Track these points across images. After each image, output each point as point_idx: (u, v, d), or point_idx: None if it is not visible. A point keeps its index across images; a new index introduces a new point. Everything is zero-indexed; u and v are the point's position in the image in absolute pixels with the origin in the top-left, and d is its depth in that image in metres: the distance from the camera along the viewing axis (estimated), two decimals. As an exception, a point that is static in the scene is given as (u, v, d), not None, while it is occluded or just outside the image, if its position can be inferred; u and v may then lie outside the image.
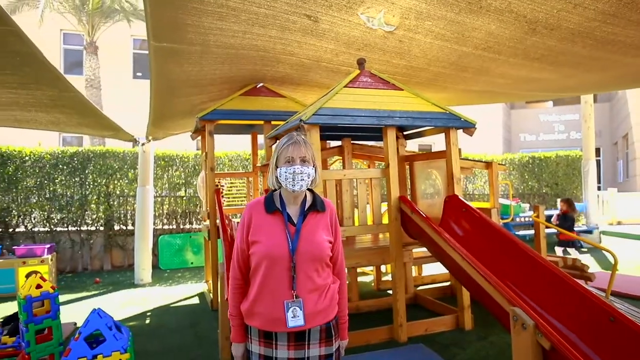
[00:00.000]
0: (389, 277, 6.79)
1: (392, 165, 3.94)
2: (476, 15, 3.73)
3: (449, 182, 4.22)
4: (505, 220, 7.14)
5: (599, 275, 5.46)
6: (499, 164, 5.75)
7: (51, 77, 4.64)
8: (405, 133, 5.21)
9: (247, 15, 4.06)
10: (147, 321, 4.97)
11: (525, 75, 5.42)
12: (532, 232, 8.69)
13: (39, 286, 3.07)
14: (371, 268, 6.45)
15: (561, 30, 3.98)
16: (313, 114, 3.64)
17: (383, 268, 7.14)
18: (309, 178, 1.80)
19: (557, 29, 3.98)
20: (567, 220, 6.64)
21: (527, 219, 9.61)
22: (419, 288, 5.91)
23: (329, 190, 3.93)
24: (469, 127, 4.15)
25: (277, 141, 1.83)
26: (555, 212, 7.14)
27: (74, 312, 5.36)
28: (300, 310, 1.70)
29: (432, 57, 4.71)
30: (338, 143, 5.35)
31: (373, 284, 6.23)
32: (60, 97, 5.21)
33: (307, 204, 1.86)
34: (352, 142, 5.11)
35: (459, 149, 4.24)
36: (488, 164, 5.66)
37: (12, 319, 3.95)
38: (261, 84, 6.01)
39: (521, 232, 9.27)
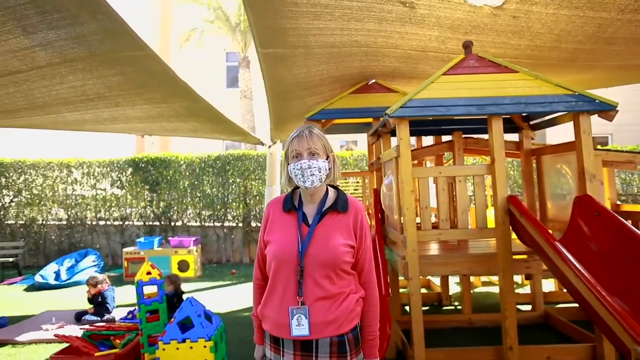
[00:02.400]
0: (524, 289, 5.93)
1: (498, 161, 3.39)
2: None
3: (579, 178, 3.45)
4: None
5: None
6: (671, 156, 4.50)
7: (183, 91, 5.29)
8: (531, 122, 4.47)
9: (340, 11, 3.98)
10: (260, 313, 5.27)
11: None
12: None
13: (149, 273, 3.50)
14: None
15: None
16: (400, 107, 3.37)
17: (517, 278, 6.27)
18: (320, 172, 1.62)
19: None
20: None
21: None
22: (558, 306, 5.00)
23: (422, 190, 3.58)
24: (606, 110, 3.33)
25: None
26: None
27: (208, 298, 6.01)
28: (306, 318, 1.54)
29: (560, 32, 3.93)
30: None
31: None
32: (194, 108, 5.92)
33: (328, 203, 1.68)
34: (464, 136, 4.59)
35: (593, 139, 3.43)
36: (655, 157, 4.49)
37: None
38: (373, 81, 5.86)
39: None
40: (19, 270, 8.42)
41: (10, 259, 8.22)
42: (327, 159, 1.65)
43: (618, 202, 4.95)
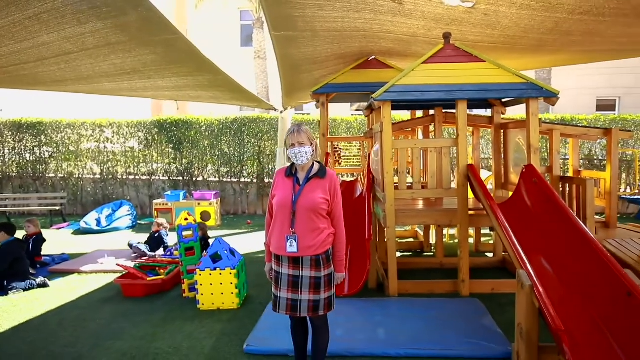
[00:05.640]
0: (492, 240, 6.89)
1: (461, 136, 4.25)
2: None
3: (527, 151, 4.32)
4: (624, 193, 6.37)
5: None
6: (622, 130, 5.27)
7: (207, 66, 6.13)
8: (503, 100, 5.26)
9: (341, 4, 4.73)
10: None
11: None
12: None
13: (186, 219, 4.54)
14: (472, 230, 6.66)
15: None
16: (384, 92, 4.20)
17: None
18: (306, 155, 2.56)
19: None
20: None
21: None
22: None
23: (400, 158, 4.47)
24: (549, 96, 4.13)
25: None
26: None
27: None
28: (295, 242, 2.53)
29: (525, 27, 4.63)
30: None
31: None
32: (215, 80, 6.76)
33: (313, 172, 2.62)
34: (445, 110, 5.40)
35: (539, 120, 4.25)
36: (607, 131, 5.27)
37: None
38: (373, 57, 6.60)
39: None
40: (64, 217, 9.67)
41: (57, 207, 9.45)
42: (311, 145, 2.57)
43: (580, 169, 5.76)
